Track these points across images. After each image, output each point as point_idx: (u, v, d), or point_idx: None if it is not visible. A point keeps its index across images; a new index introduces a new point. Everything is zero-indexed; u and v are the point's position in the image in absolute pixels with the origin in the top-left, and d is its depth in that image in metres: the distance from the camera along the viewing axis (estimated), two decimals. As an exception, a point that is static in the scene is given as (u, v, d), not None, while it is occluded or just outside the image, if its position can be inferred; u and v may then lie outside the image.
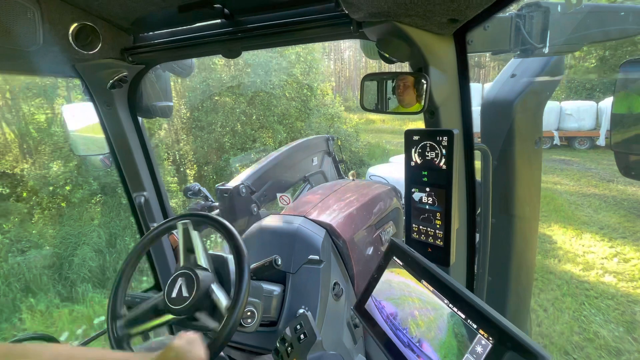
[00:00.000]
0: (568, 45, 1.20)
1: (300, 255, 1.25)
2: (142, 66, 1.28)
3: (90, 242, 5.87)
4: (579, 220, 5.85)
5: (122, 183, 1.52)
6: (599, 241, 5.11)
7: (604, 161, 9.46)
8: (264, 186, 1.87)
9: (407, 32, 0.79)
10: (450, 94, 0.89)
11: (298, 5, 0.97)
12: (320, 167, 2.47)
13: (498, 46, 1.10)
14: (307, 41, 1.08)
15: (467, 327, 0.58)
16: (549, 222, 5.84)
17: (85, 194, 6.42)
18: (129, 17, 1.07)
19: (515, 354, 0.51)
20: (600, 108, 10.47)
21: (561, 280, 4.15)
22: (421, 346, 0.66)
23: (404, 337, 0.70)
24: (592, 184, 7.82)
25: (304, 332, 0.86)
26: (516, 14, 1.09)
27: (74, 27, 0.99)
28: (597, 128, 10.56)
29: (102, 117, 1.38)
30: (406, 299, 0.73)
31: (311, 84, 9.62)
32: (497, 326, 0.54)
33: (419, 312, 0.69)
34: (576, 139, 11.01)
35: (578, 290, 3.95)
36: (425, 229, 0.86)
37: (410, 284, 0.73)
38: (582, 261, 4.58)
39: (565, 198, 6.95)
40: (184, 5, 0.95)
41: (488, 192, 1.16)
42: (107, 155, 1.53)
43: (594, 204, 6.62)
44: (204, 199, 1.80)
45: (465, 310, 0.60)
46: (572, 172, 8.72)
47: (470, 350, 0.57)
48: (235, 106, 8.59)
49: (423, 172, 0.84)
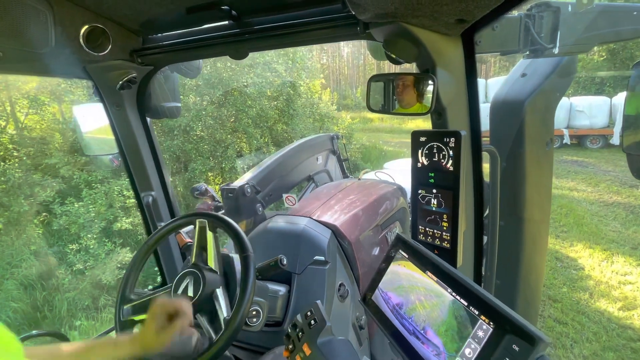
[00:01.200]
0: (578, 46, 1.18)
1: (306, 256, 1.25)
2: (150, 67, 1.30)
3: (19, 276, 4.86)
4: (606, 238, 5.01)
5: (131, 182, 1.54)
6: (635, 266, 4.22)
7: (621, 162, 8.42)
8: (269, 186, 1.87)
9: (414, 32, 0.79)
10: (457, 94, 0.88)
11: (305, 6, 0.97)
12: (325, 166, 2.44)
13: (507, 46, 1.09)
14: (313, 42, 1.09)
15: (469, 314, 0.61)
16: (571, 239, 5.04)
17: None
18: (138, 19, 1.08)
19: (514, 337, 0.53)
20: (613, 104, 9.65)
21: (597, 326, 3.27)
22: (426, 333, 0.69)
23: (409, 325, 0.73)
24: (613, 190, 6.89)
25: (314, 319, 0.88)
26: (525, 14, 1.08)
27: (85, 29, 1.01)
28: (611, 125, 9.71)
29: (111, 117, 1.40)
30: (411, 290, 0.76)
31: (295, 82, 8.47)
32: (497, 312, 0.57)
33: (424, 302, 0.72)
34: (588, 138, 10.18)
35: (620, 341, 3.05)
36: (432, 231, 0.85)
37: (416, 275, 0.76)
38: (619, 296, 3.71)
39: (585, 208, 6.16)
40: (191, 7, 0.96)
41: (496, 194, 1.14)
42: (116, 155, 1.55)
43: (620, 215, 5.76)
44: (211, 198, 1.81)
45: (468, 297, 0.63)
46: (589, 176, 7.86)
47: (472, 334, 0.60)
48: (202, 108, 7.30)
49: (430, 174, 0.83)
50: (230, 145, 7.42)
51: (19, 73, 1.24)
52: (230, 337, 0.87)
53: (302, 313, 0.95)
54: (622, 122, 0.92)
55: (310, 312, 0.92)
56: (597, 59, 12.30)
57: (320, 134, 2.65)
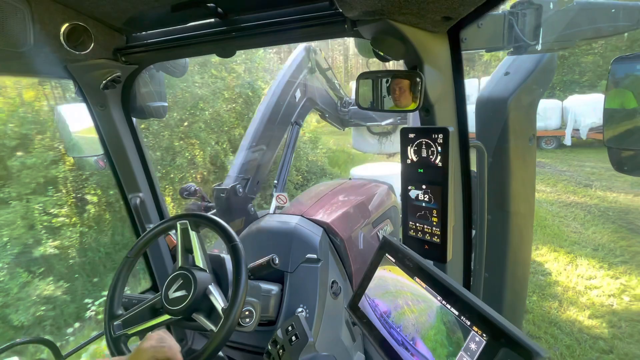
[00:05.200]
0: (560, 42, 1.21)
1: (298, 254, 1.25)
2: (135, 66, 1.27)
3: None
4: (568, 240, 5.12)
5: (117, 184, 1.51)
6: (598, 269, 4.30)
7: (574, 162, 9.05)
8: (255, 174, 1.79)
9: (401, 30, 0.79)
10: (445, 91, 0.90)
11: (292, 4, 0.97)
12: (305, 96, 2.16)
13: (492, 44, 1.11)
14: (301, 40, 1.09)
15: (460, 324, 0.58)
16: (536, 241, 5.05)
17: None
18: (121, 16, 1.06)
19: (509, 350, 0.50)
20: (564, 107, 10.34)
21: (570, 338, 3.22)
22: (415, 344, 0.65)
23: (397, 335, 0.69)
24: (569, 190, 7.18)
25: (295, 334, 0.86)
26: (509, 11, 1.10)
27: (65, 27, 0.98)
28: (563, 127, 10.35)
29: (95, 118, 1.37)
30: (399, 297, 0.72)
31: (255, 83, 7.58)
32: (490, 322, 0.54)
33: (412, 310, 0.69)
34: (543, 139, 10.72)
35: (594, 354, 3.03)
36: (422, 226, 0.86)
37: (403, 281, 0.73)
38: (587, 302, 3.73)
39: (546, 209, 6.29)
40: (177, 5, 0.95)
41: (483, 188, 1.17)
42: (101, 156, 1.51)
43: (579, 215, 5.95)
44: (201, 199, 1.79)
45: (459, 306, 0.60)
46: (546, 176, 8.07)
47: (464, 347, 0.56)
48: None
49: (419, 170, 0.84)
50: (180, 152, 6.62)
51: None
52: (231, 325, 0.86)
53: (282, 327, 0.94)
54: (603, 116, 0.95)
55: (291, 327, 0.90)
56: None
57: (303, 49, 2.17)
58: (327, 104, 2.52)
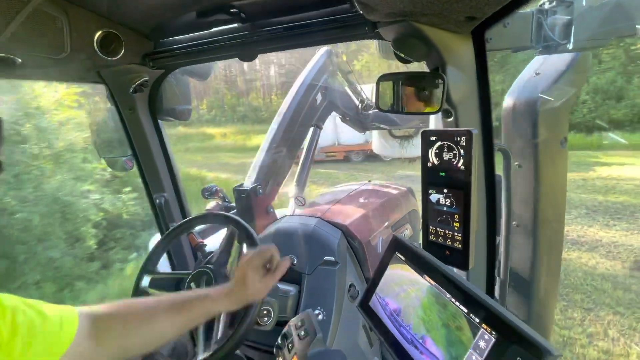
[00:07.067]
0: (594, 41, 1.14)
1: (316, 256, 1.25)
2: (162, 71, 1.32)
3: None
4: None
5: (144, 184, 1.57)
6: None
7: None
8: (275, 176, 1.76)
9: (424, 31, 0.78)
10: (468, 93, 0.87)
11: (313, 7, 0.97)
12: (326, 99, 2.13)
13: (519, 43, 1.07)
14: (322, 43, 1.09)
15: (469, 321, 0.58)
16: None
17: None
18: (150, 24, 1.10)
19: (519, 348, 0.49)
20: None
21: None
22: (424, 342, 0.65)
23: (407, 333, 0.69)
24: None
25: (305, 329, 0.87)
26: (538, 9, 1.06)
27: (99, 34, 1.03)
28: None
29: (124, 120, 1.43)
30: (409, 295, 0.72)
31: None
32: (500, 320, 0.53)
33: (422, 308, 0.69)
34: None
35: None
36: (444, 232, 0.84)
37: (413, 279, 0.73)
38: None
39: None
40: (201, 11, 0.98)
41: (509, 194, 1.12)
42: (129, 157, 1.58)
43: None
44: (222, 199, 1.83)
45: (468, 304, 0.59)
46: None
47: (473, 345, 0.56)
48: None
49: (440, 173, 0.82)
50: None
51: (36, 79, 1.27)
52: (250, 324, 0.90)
53: (293, 323, 0.95)
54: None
55: (301, 322, 0.91)
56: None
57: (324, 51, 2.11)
58: (348, 107, 2.51)
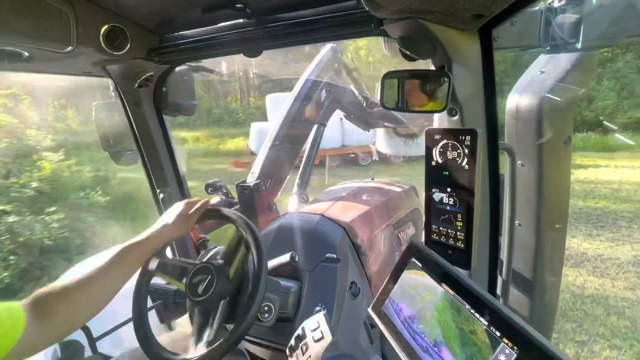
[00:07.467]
0: (603, 40, 1.13)
1: (318, 253, 1.25)
2: (167, 66, 1.32)
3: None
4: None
5: (148, 178, 1.58)
6: None
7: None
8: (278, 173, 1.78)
9: (430, 29, 0.77)
10: (474, 92, 0.86)
11: (319, 4, 0.97)
12: (330, 96, 2.11)
13: (526, 42, 1.05)
14: (327, 39, 1.09)
15: (490, 335, 0.56)
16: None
17: None
18: (155, 18, 1.10)
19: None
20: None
21: None
22: (440, 352, 0.63)
23: (422, 341, 0.67)
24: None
25: (320, 332, 0.87)
26: (546, 7, 1.04)
27: (105, 28, 1.04)
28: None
29: (129, 115, 1.44)
30: (425, 302, 0.70)
31: None
32: (522, 335, 0.52)
33: (438, 317, 0.67)
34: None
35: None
36: (446, 231, 0.84)
37: (430, 287, 0.71)
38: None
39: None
40: (207, 6, 0.98)
41: (513, 193, 1.12)
42: (133, 151, 1.59)
43: None
44: (225, 195, 1.83)
45: (488, 316, 0.57)
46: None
47: (493, 358, 0.54)
48: None
49: (444, 172, 0.82)
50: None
51: (42, 72, 1.28)
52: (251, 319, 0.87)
53: (306, 325, 0.94)
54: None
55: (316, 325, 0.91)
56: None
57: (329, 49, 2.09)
58: (352, 105, 2.49)
